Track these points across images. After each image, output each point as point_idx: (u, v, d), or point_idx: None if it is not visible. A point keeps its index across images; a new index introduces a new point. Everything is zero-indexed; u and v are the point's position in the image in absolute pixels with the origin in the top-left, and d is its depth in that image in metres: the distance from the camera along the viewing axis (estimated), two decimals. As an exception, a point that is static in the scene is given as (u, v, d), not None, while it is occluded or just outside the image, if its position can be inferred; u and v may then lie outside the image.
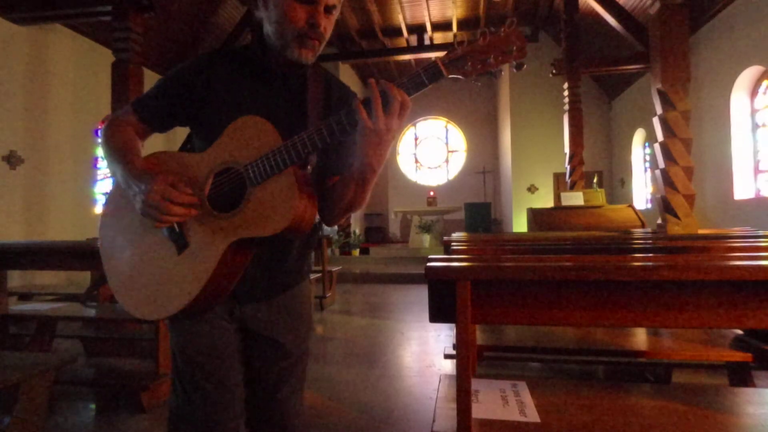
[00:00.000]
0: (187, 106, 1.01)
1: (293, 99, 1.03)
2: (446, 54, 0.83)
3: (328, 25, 0.96)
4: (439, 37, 10.14)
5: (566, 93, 7.38)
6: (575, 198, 6.21)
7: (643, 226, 5.59)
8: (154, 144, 1.14)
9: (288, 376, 1.08)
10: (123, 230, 1.00)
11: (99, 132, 1.07)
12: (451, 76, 0.83)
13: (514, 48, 0.82)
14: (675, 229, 3.89)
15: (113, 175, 0.99)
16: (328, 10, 0.95)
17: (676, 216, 3.92)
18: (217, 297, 0.94)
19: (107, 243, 1.02)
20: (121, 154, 0.97)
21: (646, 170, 9.12)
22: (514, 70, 0.84)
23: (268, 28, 0.97)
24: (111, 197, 1.04)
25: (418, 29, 9.72)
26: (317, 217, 0.98)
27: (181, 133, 1.09)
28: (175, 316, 0.92)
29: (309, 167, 0.96)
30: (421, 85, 0.82)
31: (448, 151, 13.20)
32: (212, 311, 1.00)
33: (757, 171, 5.88)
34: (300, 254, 1.08)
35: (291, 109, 1.01)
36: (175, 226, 0.93)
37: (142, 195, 0.89)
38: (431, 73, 0.82)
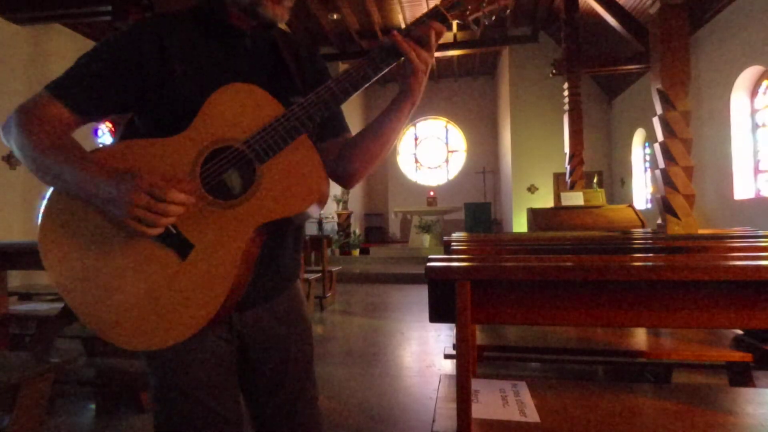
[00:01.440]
0: (137, 85, 0.82)
1: (268, 64, 0.91)
2: (444, 1, 0.82)
3: None
4: (439, 37, 10.13)
5: (566, 93, 7.38)
6: (575, 198, 6.22)
7: (643, 226, 5.59)
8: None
9: (303, 386, 0.98)
10: (88, 250, 0.77)
11: (6, 130, 0.79)
12: (454, 21, 0.82)
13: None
14: (675, 229, 3.89)
15: (53, 182, 0.77)
16: None
17: (676, 216, 3.92)
18: (237, 298, 0.81)
19: (68, 272, 0.77)
20: (64, 151, 0.76)
21: (646, 170, 9.12)
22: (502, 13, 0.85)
23: None
24: (54, 213, 0.79)
25: None
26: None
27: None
28: (213, 319, 0.77)
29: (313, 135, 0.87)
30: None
31: (448, 151, 13.20)
32: (203, 338, 0.84)
33: (757, 171, 5.88)
34: (295, 246, 0.97)
35: (264, 76, 0.89)
36: (171, 227, 0.76)
37: (122, 199, 0.71)
38: (437, 16, 0.79)
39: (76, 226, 0.78)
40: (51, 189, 0.80)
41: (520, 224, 9.98)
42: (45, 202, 0.80)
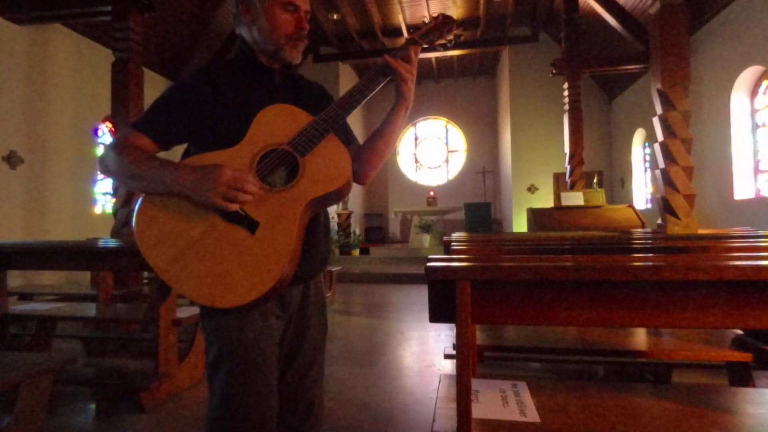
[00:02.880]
0: (197, 121, 1.07)
1: (290, 94, 1.18)
2: (417, 31, 1.17)
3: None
4: (439, 37, 10.13)
5: (566, 93, 7.38)
6: (575, 198, 6.22)
7: (643, 226, 5.59)
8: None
9: (313, 362, 1.17)
10: (179, 236, 0.99)
11: (105, 156, 1.07)
12: (423, 45, 1.16)
13: (453, 25, 1.17)
14: (675, 229, 3.89)
15: (151, 186, 1.01)
16: (306, 14, 1.15)
17: (676, 216, 3.92)
18: (293, 268, 0.99)
19: (164, 256, 0.98)
20: (159, 162, 1.02)
21: (646, 170, 9.12)
22: (449, 44, 1.21)
23: (257, 37, 1.11)
24: (147, 213, 1.01)
25: (418, 29, 9.71)
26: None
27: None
28: (267, 296, 0.95)
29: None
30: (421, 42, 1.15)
31: (448, 151, 13.20)
32: (264, 309, 1.05)
33: (757, 171, 5.88)
34: (326, 234, 1.20)
35: (292, 102, 1.12)
36: (240, 210, 0.98)
37: (211, 179, 0.95)
38: (412, 43, 1.14)
39: (166, 219, 1.00)
40: (143, 196, 1.03)
41: (520, 224, 9.98)
42: (137, 207, 1.03)
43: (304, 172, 1.01)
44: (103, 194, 7.21)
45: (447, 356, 3.04)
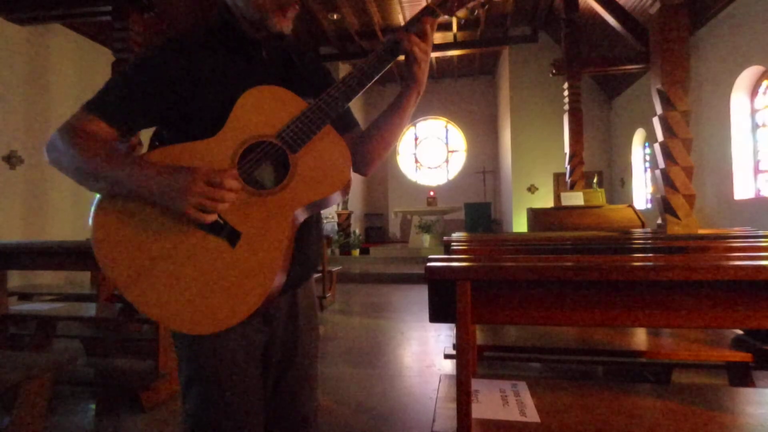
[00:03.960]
0: (166, 101, 0.89)
1: (282, 70, 1.01)
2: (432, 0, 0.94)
3: None
4: (439, 37, 10.14)
5: (566, 93, 7.38)
6: (575, 198, 6.22)
7: (643, 226, 5.59)
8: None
9: (306, 376, 1.06)
10: (144, 247, 0.83)
11: (52, 147, 0.89)
12: (443, 16, 0.94)
13: None
14: (675, 229, 3.89)
15: (109, 187, 0.84)
16: None
17: (676, 216, 3.92)
18: (284, 280, 0.88)
19: (126, 270, 0.83)
20: (117, 157, 0.83)
21: (646, 170, 9.12)
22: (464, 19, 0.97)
23: (238, 1, 0.93)
24: (106, 217, 0.85)
25: None
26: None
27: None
28: (266, 302, 0.84)
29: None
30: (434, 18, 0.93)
31: (448, 151, 13.20)
32: (243, 323, 0.90)
33: (757, 171, 5.88)
34: (317, 236, 1.06)
35: (285, 80, 0.96)
36: (219, 218, 0.83)
37: (181, 189, 0.78)
38: (429, 12, 0.92)
39: (129, 226, 0.84)
40: (98, 196, 0.86)
41: (520, 224, 9.98)
42: (94, 208, 0.86)
43: (295, 171, 0.85)
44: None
45: (447, 356, 3.04)
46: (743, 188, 5.90)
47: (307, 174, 0.86)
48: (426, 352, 3.50)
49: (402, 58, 0.94)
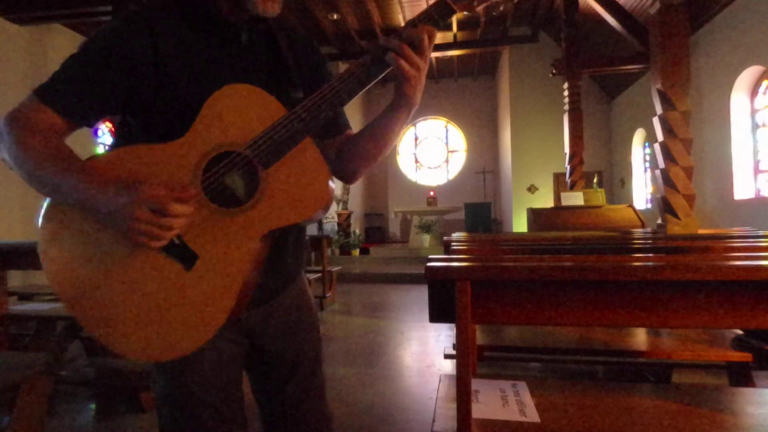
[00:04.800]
0: (129, 86, 0.77)
1: (266, 58, 0.86)
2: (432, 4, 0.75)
3: None
4: (439, 37, 9.98)
5: (566, 93, 7.38)
6: (575, 198, 6.22)
7: (643, 226, 5.59)
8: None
9: (310, 386, 0.97)
10: (92, 263, 0.75)
11: None
12: (461, 12, 0.76)
13: None
14: (675, 229, 3.89)
15: (52, 194, 0.75)
16: None
17: (676, 216, 3.92)
18: (245, 305, 0.81)
19: (72, 285, 0.75)
20: (60, 162, 0.73)
21: (646, 170, 9.12)
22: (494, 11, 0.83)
23: None
24: (53, 224, 0.76)
25: None
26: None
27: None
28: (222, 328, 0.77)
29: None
30: (436, 26, 0.75)
31: (448, 151, 13.20)
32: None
33: (757, 171, 5.88)
34: (296, 245, 0.94)
35: (263, 72, 0.85)
36: (174, 238, 0.74)
37: (123, 213, 0.69)
38: (443, 10, 0.74)
39: (78, 237, 0.75)
40: (47, 200, 0.76)
41: (520, 224, 9.98)
42: (42, 212, 0.76)
43: (265, 190, 0.75)
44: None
45: (447, 356, 3.04)
46: (743, 188, 5.90)
47: (277, 195, 0.75)
48: (426, 352, 3.50)
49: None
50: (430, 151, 13.33)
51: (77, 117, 0.78)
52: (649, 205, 8.79)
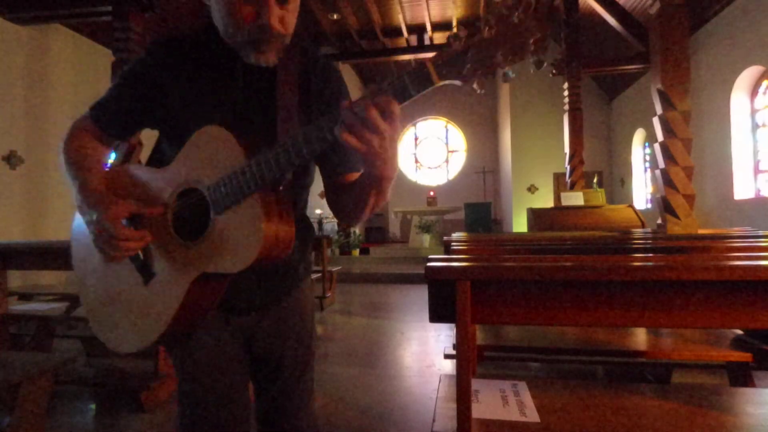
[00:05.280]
0: (148, 108, 0.88)
1: (262, 97, 0.87)
2: (438, 53, 0.63)
3: (287, 17, 0.80)
4: (439, 37, 10.14)
5: (566, 93, 7.38)
6: (575, 198, 6.21)
7: (643, 226, 5.58)
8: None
9: (292, 391, 1.01)
10: (89, 255, 0.89)
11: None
12: (443, 82, 0.63)
13: (531, 41, 0.60)
14: (675, 229, 3.89)
15: (73, 191, 0.86)
16: (282, 1, 0.79)
17: (676, 216, 3.92)
18: (191, 325, 0.87)
19: (78, 266, 0.93)
20: (75, 170, 0.86)
21: (646, 170, 9.13)
22: (531, 71, 0.67)
23: (217, 21, 0.82)
24: (76, 215, 0.90)
25: (418, 29, 9.73)
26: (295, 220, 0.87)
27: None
28: (149, 347, 0.86)
29: (280, 187, 0.79)
30: (405, 95, 0.64)
31: (448, 151, 13.20)
32: (209, 325, 0.92)
33: (757, 171, 5.88)
34: (296, 256, 0.96)
35: (261, 111, 0.86)
36: (140, 254, 0.85)
37: (91, 227, 0.81)
38: (418, 79, 0.62)
39: (82, 237, 0.89)
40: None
41: (520, 224, 9.98)
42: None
43: (210, 233, 0.79)
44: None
45: (447, 356, 3.04)
46: (743, 188, 5.90)
47: (217, 241, 0.78)
48: (426, 352, 3.50)
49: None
50: (430, 151, 13.33)
51: (110, 130, 0.92)
52: (649, 205, 8.79)
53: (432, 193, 11.17)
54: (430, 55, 0.64)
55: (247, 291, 0.92)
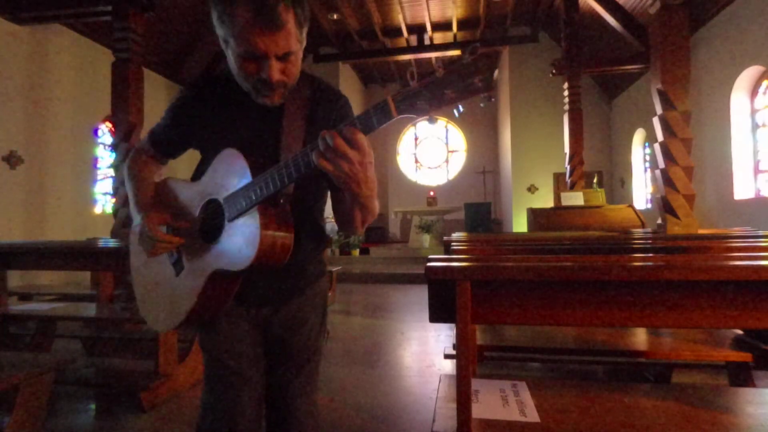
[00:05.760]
0: (188, 135, 1.10)
1: (269, 131, 1.02)
2: (398, 92, 0.74)
3: (288, 67, 0.93)
4: (439, 37, 10.14)
5: (566, 93, 7.38)
6: (575, 198, 6.22)
7: (643, 226, 5.59)
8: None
9: (295, 376, 1.11)
10: (140, 253, 1.11)
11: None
12: (401, 116, 0.75)
13: (477, 80, 0.72)
14: (675, 229, 3.89)
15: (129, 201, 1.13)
16: (283, 57, 0.91)
17: (676, 216, 3.92)
18: (212, 313, 1.03)
19: (133, 257, 1.16)
20: (134, 181, 1.12)
21: (646, 170, 9.12)
22: (481, 105, 0.81)
23: (233, 72, 0.97)
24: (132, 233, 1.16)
25: (418, 29, 9.73)
26: (310, 228, 1.08)
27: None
28: (178, 328, 1.03)
29: (281, 200, 0.94)
30: (370, 128, 0.76)
31: (448, 151, 13.20)
32: (230, 314, 1.07)
33: (757, 171, 5.88)
34: (303, 266, 1.09)
35: (266, 142, 1.01)
36: (174, 252, 1.04)
37: (138, 227, 1.05)
38: (381, 113, 0.75)
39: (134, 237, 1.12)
40: None
41: (520, 224, 9.98)
42: None
43: (222, 237, 0.95)
44: (103, 194, 7.21)
45: (447, 356, 3.04)
46: (743, 188, 5.90)
47: (226, 244, 0.95)
48: (426, 352, 3.50)
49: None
50: (430, 151, 13.33)
51: (163, 150, 1.15)
52: (649, 205, 8.79)
53: (432, 193, 11.17)
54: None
55: (262, 288, 1.06)
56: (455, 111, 0.81)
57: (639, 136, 9.14)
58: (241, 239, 0.91)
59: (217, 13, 0.91)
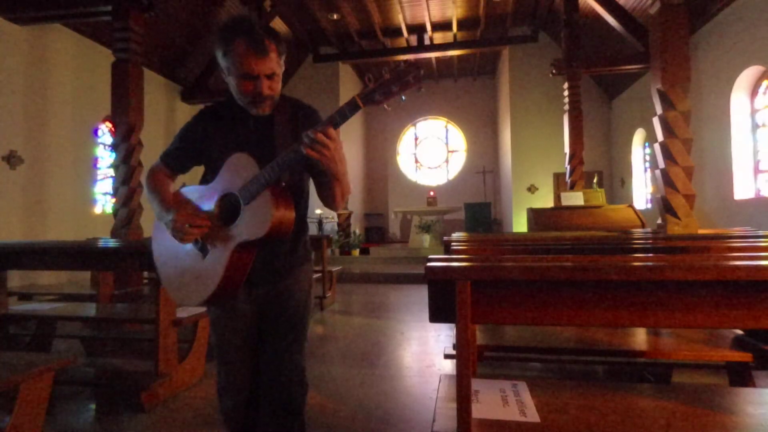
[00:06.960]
0: (197, 152, 1.40)
1: (264, 136, 1.34)
2: (361, 90, 1.12)
3: (273, 84, 1.26)
4: (439, 37, 10.14)
5: (566, 93, 7.38)
6: (575, 198, 6.22)
7: (643, 226, 5.58)
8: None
9: (283, 337, 1.39)
10: (166, 245, 1.36)
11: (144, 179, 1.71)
12: (366, 106, 1.12)
13: (411, 77, 1.10)
14: (675, 229, 3.89)
15: (153, 208, 1.37)
16: (269, 76, 1.24)
17: (676, 216, 3.92)
18: (235, 285, 1.27)
19: (158, 254, 1.39)
20: (156, 193, 1.38)
21: (646, 170, 9.12)
22: (417, 92, 1.12)
23: (233, 93, 1.30)
24: (155, 223, 1.40)
25: (418, 29, 9.73)
26: (295, 217, 1.30)
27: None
28: (208, 302, 1.27)
29: (282, 183, 1.25)
30: (344, 117, 1.12)
31: (448, 151, 13.20)
32: (236, 299, 1.35)
33: (757, 171, 5.88)
34: (292, 248, 1.40)
35: (263, 144, 1.33)
36: (199, 239, 1.29)
37: (170, 223, 1.28)
38: (351, 106, 1.11)
39: (162, 232, 1.37)
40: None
41: (520, 224, 9.98)
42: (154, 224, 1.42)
43: (242, 217, 1.22)
44: (103, 194, 7.21)
45: (447, 356, 3.03)
46: (743, 188, 5.90)
47: (247, 220, 1.22)
48: (426, 352, 3.50)
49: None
50: (430, 151, 13.33)
51: (175, 169, 1.45)
52: (649, 205, 8.79)
53: (432, 193, 11.16)
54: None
55: (261, 270, 1.34)
56: (401, 99, 1.13)
57: (639, 136, 9.14)
58: (258, 214, 1.19)
59: (222, 50, 1.23)
